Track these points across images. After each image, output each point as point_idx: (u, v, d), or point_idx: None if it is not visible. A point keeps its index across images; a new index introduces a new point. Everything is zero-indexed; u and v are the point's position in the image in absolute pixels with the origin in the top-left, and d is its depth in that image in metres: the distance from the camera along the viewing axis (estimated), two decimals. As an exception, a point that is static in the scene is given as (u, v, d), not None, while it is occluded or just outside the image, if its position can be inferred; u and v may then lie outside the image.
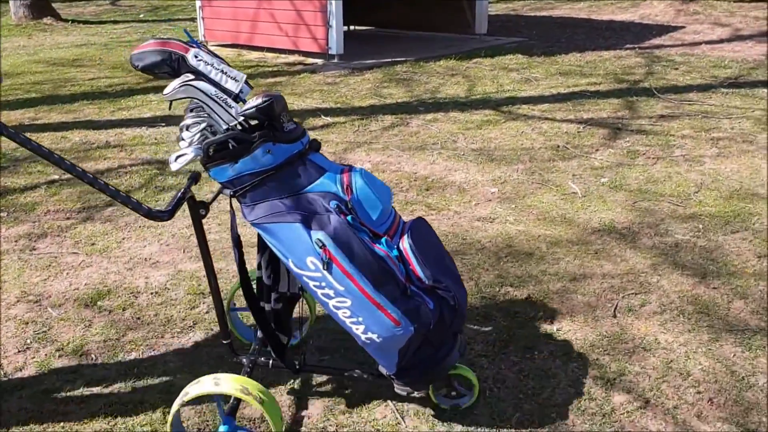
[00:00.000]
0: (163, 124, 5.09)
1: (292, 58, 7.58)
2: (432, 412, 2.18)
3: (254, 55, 7.89)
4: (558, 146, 4.57)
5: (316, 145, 1.92)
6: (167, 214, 1.79)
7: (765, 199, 3.72)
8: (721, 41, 8.53)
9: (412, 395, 2.09)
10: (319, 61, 7.34)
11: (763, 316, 2.67)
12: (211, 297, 2.68)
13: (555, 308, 2.73)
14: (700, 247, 3.21)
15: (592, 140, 4.68)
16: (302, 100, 5.81)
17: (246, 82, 1.83)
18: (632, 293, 2.84)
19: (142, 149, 4.56)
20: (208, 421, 2.16)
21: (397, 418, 2.15)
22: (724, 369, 2.38)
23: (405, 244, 1.90)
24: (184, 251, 3.21)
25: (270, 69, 7.17)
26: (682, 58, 7.37)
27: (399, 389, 2.05)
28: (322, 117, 5.25)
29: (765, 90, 5.90)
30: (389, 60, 7.25)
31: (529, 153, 4.45)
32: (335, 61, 7.23)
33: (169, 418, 1.91)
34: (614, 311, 2.71)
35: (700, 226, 3.41)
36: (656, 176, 4.06)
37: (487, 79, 6.40)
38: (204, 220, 1.96)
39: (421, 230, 1.98)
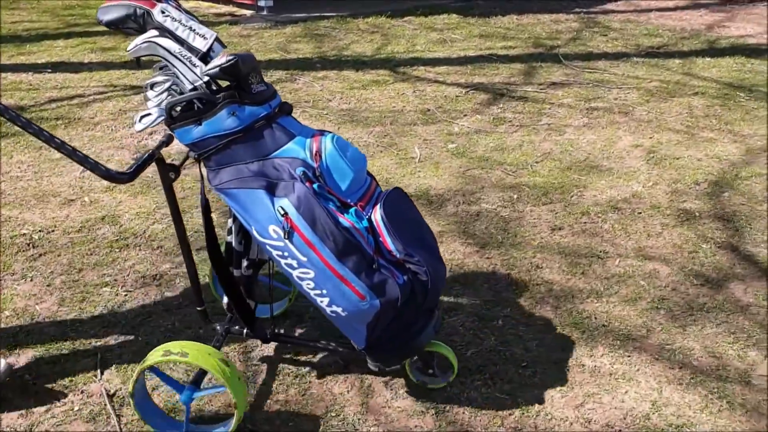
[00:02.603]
0: (49, 70, 5.09)
1: (224, 9, 7.49)
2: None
3: (190, 4, 7.81)
4: (428, 110, 4.53)
5: (287, 108, 1.85)
6: (128, 176, 1.72)
7: (603, 172, 3.68)
8: (675, 9, 8.29)
9: (385, 371, 2.06)
10: (249, 13, 7.26)
11: (518, 288, 2.67)
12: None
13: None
14: (500, 217, 3.19)
15: (466, 105, 4.62)
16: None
17: (218, 41, 1.75)
18: (401, 260, 2.84)
19: (11, 95, 4.57)
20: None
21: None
22: (444, 338, 2.39)
23: (377, 215, 1.82)
24: (-15, 197, 3.25)
25: (198, 19, 7.10)
26: (620, 24, 7.19)
27: (371, 365, 2.00)
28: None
29: (678, 60, 5.76)
30: (318, 14, 7.15)
31: (395, 116, 4.41)
32: (264, 13, 7.14)
33: (129, 388, 1.93)
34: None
35: (515, 196, 3.39)
36: (507, 144, 4.01)
37: (403, 39, 6.30)
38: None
39: (396, 201, 1.90)
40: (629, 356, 2.32)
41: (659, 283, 2.73)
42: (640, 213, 3.25)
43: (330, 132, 1.86)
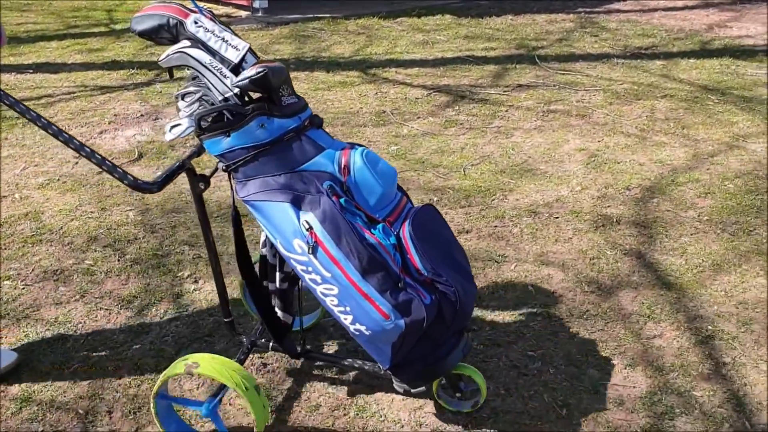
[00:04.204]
0: (31, 71, 5.30)
1: (223, 10, 7.64)
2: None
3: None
4: (383, 112, 4.55)
5: (317, 121, 1.84)
6: (156, 186, 1.72)
7: (537, 176, 3.65)
8: (684, 8, 8.09)
9: (411, 393, 2.02)
10: (244, 14, 7.39)
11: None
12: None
13: (186, 260, 2.82)
14: (411, 220, 3.20)
15: (424, 107, 4.63)
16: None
17: (251, 52, 1.75)
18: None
19: (-14, 95, 4.77)
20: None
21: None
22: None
23: (405, 231, 1.79)
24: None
25: (195, 20, 7.25)
26: (617, 24, 7.06)
27: (397, 385, 1.98)
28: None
29: (660, 62, 5.64)
30: (312, 16, 7.23)
31: (348, 117, 4.45)
32: (259, 14, 7.25)
33: (151, 405, 1.93)
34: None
35: (435, 199, 3.40)
36: (450, 147, 4.01)
37: (386, 40, 6.33)
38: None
39: (426, 218, 1.87)
40: (487, 362, 2.32)
41: (549, 289, 2.71)
42: (557, 218, 3.22)
43: (361, 146, 1.83)
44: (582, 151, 3.95)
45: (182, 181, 3.54)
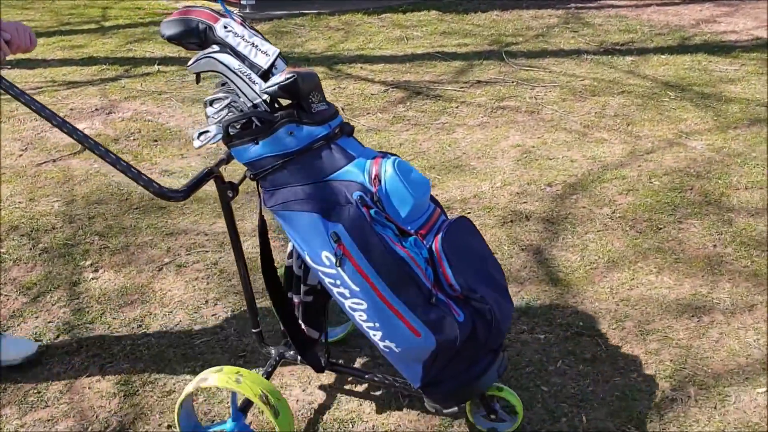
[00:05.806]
0: (9, 67, 5.49)
1: (213, 7, 7.77)
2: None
3: (179, 4, 8.15)
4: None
5: (347, 129, 1.79)
6: (182, 194, 1.68)
7: (464, 172, 3.68)
8: (680, 3, 7.96)
9: (443, 413, 1.97)
10: (232, 11, 7.51)
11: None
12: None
13: (92, 250, 2.93)
14: (323, 214, 3.26)
15: (376, 103, 4.68)
16: (155, 48, 6.00)
17: (281, 57, 1.72)
18: (193, 252, 2.98)
19: (-41, 90, 4.97)
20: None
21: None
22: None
23: (438, 245, 1.72)
24: None
25: (184, 17, 7.40)
26: (602, 20, 6.99)
27: (428, 405, 1.92)
28: (156, 66, 5.48)
29: (631, 58, 5.58)
30: (297, 12, 7.31)
31: (297, 112, 4.52)
32: (246, 11, 7.37)
33: (176, 408, 1.90)
34: (159, 267, 2.88)
35: (354, 194, 3.45)
36: (390, 143, 4.06)
37: (363, 36, 6.38)
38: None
39: (459, 231, 1.81)
40: (348, 353, 2.37)
41: (435, 283, 2.74)
42: (469, 213, 3.25)
43: (393, 155, 1.78)
44: (518, 147, 3.95)
45: (112, 172, 3.67)
